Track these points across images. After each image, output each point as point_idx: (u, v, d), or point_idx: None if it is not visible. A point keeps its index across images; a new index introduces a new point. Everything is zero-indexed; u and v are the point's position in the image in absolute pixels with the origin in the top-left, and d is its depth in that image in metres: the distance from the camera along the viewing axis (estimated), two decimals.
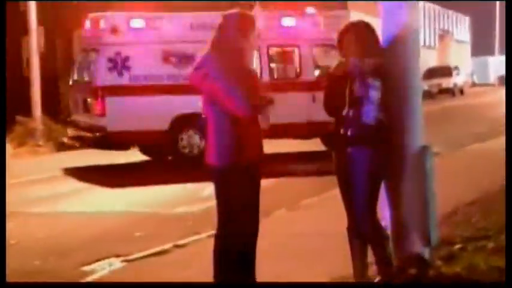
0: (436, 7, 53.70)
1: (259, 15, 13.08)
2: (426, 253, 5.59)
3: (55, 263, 7.24)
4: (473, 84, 52.01)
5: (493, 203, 8.07)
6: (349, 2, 38.51)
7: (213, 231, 5.35)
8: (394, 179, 5.53)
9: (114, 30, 13.29)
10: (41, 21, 19.43)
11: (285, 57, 14.82)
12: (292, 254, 6.89)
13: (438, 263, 5.86)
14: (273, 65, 14.54)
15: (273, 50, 14.52)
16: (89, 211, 9.95)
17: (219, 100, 5.04)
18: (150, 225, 8.79)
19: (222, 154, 5.10)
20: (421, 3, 48.75)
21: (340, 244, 5.73)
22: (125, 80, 13.20)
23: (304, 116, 13.84)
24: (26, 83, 19.50)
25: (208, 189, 6.91)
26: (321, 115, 5.72)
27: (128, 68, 13.20)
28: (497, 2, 53.71)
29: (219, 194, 5.22)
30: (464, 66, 50.07)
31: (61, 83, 27.99)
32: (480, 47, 57.67)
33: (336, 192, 5.54)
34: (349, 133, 5.21)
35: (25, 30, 19.30)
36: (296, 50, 14.33)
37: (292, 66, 14.61)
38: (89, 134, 13.69)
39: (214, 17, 5.48)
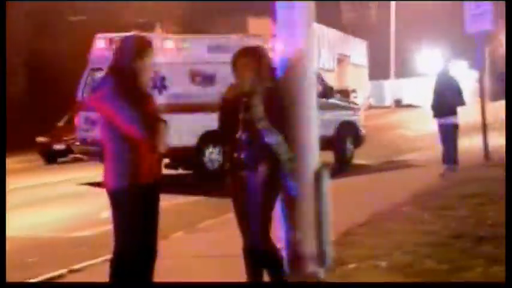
0: (335, 32, 54.84)
1: None
2: (321, 273, 5.68)
3: None
4: (370, 107, 53.19)
5: (384, 223, 8.29)
6: (250, 26, 38.95)
7: (110, 255, 5.29)
8: (290, 200, 5.61)
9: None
10: None
11: None
12: (189, 277, 6.86)
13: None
14: None
15: None
16: None
17: (115, 122, 5.02)
18: (44, 250, 8.61)
19: (118, 177, 5.07)
20: (319, 27, 49.75)
21: (236, 265, 5.76)
22: (163, 99, 13.70)
23: None
24: None
25: (105, 212, 6.83)
26: None
27: (165, 87, 13.98)
28: (392, 28, 55.26)
29: (116, 217, 5.17)
30: (362, 89, 51.17)
31: None
32: (376, 70, 59.17)
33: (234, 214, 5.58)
34: (242, 156, 5.27)
35: None
36: None
37: None
38: None
39: (229, 40, 5.56)
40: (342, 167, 15.79)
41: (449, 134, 13.08)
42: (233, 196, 5.42)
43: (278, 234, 5.69)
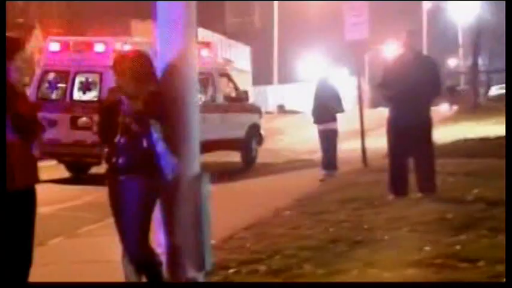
0: (219, 36, 55.07)
1: None
2: (200, 278, 5.69)
3: None
4: None
5: (266, 228, 8.39)
6: (133, 29, 38.60)
7: None
8: (170, 205, 5.59)
9: None
10: None
11: None
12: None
13: None
14: None
15: None
16: None
17: None
18: None
19: None
20: (204, 32, 49.67)
21: (116, 271, 5.69)
22: None
23: None
24: None
25: None
26: None
27: None
28: (275, 34, 56.03)
29: None
30: None
31: None
32: (260, 76, 59.82)
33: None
34: (120, 161, 5.23)
35: None
36: None
37: None
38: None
39: None
40: (248, 166, 16.79)
41: (328, 140, 13.37)
42: (111, 201, 5.38)
43: (159, 239, 5.66)
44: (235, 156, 17.21)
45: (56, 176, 14.33)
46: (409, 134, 9.76)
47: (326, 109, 13.25)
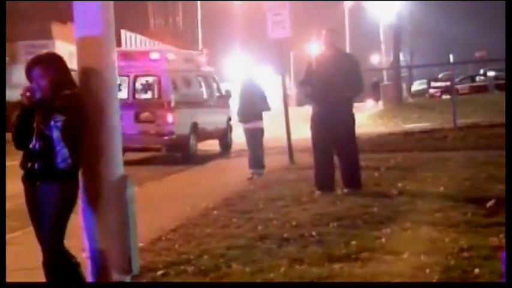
0: (143, 38, 54.73)
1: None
2: (127, 281, 5.62)
3: None
4: None
5: (194, 228, 8.36)
6: (54, 32, 37.95)
7: None
8: (94, 209, 5.50)
9: (168, 61, 18.08)
10: None
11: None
12: None
13: None
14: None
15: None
16: None
17: None
18: None
19: None
20: (127, 34, 49.13)
21: (38, 278, 5.60)
22: (178, 97, 17.86)
23: None
24: None
25: None
26: None
27: (176, 89, 18.02)
28: (200, 34, 55.93)
29: None
30: None
31: None
32: None
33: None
34: (36, 167, 5.14)
35: None
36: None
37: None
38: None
39: (195, 54, 6.39)
40: (225, 151, 19.98)
41: (255, 139, 13.41)
42: (29, 206, 5.30)
43: (84, 243, 5.56)
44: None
45: None
46: (333, 131, 9.88)
47: (252, 108, 13.28)
